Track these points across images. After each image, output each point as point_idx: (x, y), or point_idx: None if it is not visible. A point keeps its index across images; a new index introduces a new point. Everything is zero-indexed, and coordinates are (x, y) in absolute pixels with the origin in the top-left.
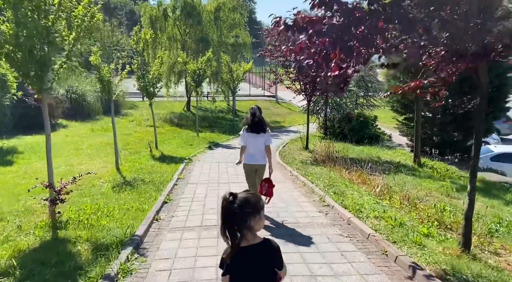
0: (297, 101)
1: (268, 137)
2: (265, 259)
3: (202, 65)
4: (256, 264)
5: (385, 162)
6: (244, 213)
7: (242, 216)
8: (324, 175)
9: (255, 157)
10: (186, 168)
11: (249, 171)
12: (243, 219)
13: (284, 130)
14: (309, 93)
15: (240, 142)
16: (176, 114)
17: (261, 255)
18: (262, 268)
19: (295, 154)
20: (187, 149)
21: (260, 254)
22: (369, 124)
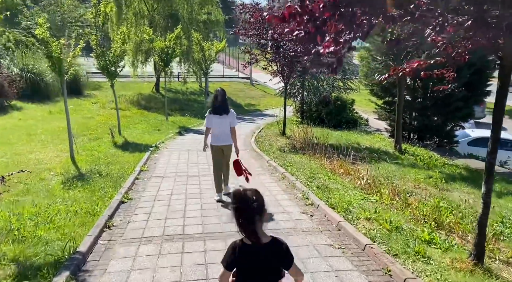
0: (272, 84)
1: (233, 118)
2: (274, 259)
3: (170, 43)
4: (265, 263)
5: (365, 149)
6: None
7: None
8: (304, 165)
9: (221, 138)
10: (152, 158)
11: (216, 152)
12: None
13: (260, 113)
14: (287, 75)
15: (205, 124)
16: (144, 95)
17: (271, 255)
18: (269, 268)
19: (272, 140)
20: (154, 134)
21: (270, 254)
22: (346, 108)
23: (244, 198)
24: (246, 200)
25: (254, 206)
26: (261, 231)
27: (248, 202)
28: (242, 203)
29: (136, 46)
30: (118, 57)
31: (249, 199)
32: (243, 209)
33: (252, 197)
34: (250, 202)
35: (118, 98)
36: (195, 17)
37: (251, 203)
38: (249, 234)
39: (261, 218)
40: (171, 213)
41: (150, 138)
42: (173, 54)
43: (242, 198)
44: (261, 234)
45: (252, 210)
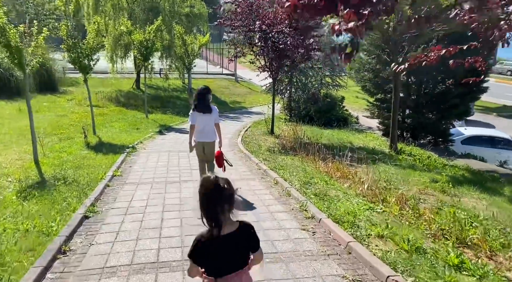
0: (258, 80)
1: (217, 115)
2: (243, 245)
3: (150, 36)
4: (234, 251)
5: (359, 149)
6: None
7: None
8: (297, 168)
9: (205, 135)
10: (127, 160)
11: (200, 147)
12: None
13: (246, 111)
14: (275, 69)
15: (190, 121)
16: (123, 92)
17: (239, 241)
18: (239, 254)
19: (260, 140)
20: (132, 134)
21: (238, 241)
22: (336, 106)
23: (214, 185)
24: (216, 188)
25: (224, 194)
26: (229, 221)
27: (218, 190)
28: (212, 191)
29: (115, 40)
30: (91, 50)
31: (220, 186)
32: (212, 196)
33: (223, 185)
34: (220, 189)
35: (95, 95)
36: (177, 10)
37: (221, 191)
38: (215, 224)
39: (230, 208)
40: (144, 232)
41: (127, 138)
42: (153, 47)
43: (211, 185)
44: (229, 224)
45: (222, 198)
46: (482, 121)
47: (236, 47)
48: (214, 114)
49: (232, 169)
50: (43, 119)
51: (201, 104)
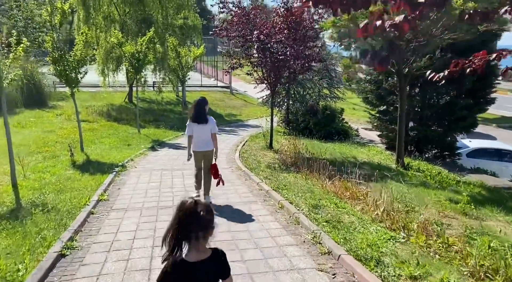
0: (253, 93)
1: (213, 125)
2: (213, 272)
3: (142, 47)
4: (204, 279)
5: (364, 164)
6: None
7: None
8: (303, 188)
9: (203, 144)
10: (116, 181)
11: (198, 156)
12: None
13: (242, 124)
14: (273, 81)
15: (187, 132)
16: (115, 106)
17: (211, 268)
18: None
19: (258, 155)
20: (123, 150)
21: (209, 268)
22: (336, 118)
23: (192, 210)
24: (194, 213)
25: (202, 221)
26: (202, 248)
27: (196, 216)
28: (189, 216)
29: (106, 52)
30: (79, 62)
31: (198, 212)
32: (188, 222)
33: (201, 211)
34: (198, 216)
35: (85, 109)
36: (171, 22)
37: (199, 218)
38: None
39: (205, 235)
40: (130, 275)
41: (117, 155)
42: (145, 59)
43: (189, 209)
44: (201, 251)
45: (198, 225)
46: (483, 133)
47: (233, 58)
48: (210, 124)
49: (231, 190)
50: (28, 135)
51: (198, 115)
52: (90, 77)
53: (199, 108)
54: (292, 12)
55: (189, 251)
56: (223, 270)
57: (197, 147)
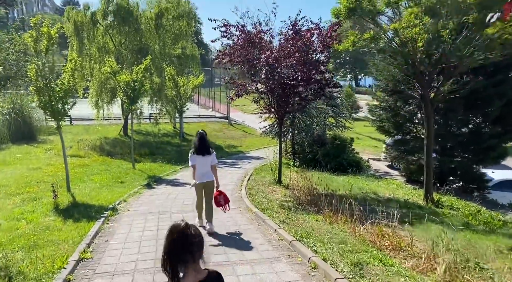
0: (252, 123)
1: (214, 157)
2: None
3: (138, 76)
4: None
5: (388, 201)
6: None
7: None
8: (331, 236)
9: (204, 176)
10: (104, 230)
11: (199, 187)
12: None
13: (243, 156)
14: (281, 110)
15: (190, 163)
16: (109, 139)
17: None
18: None
19: (267, 191)
20: (114, 189)
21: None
22: (346, 148)
23: (183, 232)
24: (185, 236)
25: (194, 242)
26: (197, 269)
27: (188, 238)
28: (181, 238)
29: (100, 84)
30: (66, 92)
31: (190, 234)
32: (180, 244)
33: (193, 232)
34: (190, 237)
35: (77, 144)
36: (168, 52)
37: (191, 239)
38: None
39: (199, 255)
40: None
41: (107, 196)
42: (141, 89)
43: (181, 232)
44: (197, 272)
45: (192, 246)
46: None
47: (237, 85)
48: (212, 156)
49: (245, 241)
50: (11, 174)
51: (203, 147)
52: (83, 110)
53: (203, 140)
54: (301, 36)
55: (186, 274)
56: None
57: (198, 178)
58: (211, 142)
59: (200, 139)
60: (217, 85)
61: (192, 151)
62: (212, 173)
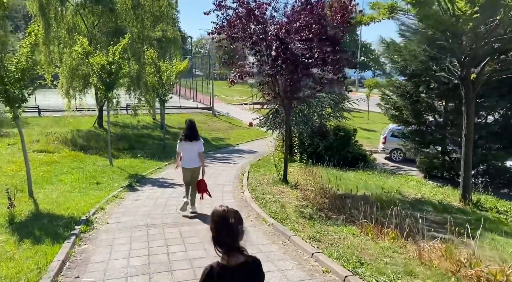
0: (238, 114)
1: (201, 145)
2: (251, 277)
3: (115, 58)
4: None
5: (419, 203)
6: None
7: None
8: (393, 264)
9: (191, 162)
10: (74, 257)
11: (186, 172)
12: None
13: (234, 150)
14: (290, 96)
15: (178, 149)
16: (82, 132)
17: (248, 274)
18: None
19: (275, 193)
20: (89, 192)
21: (247, 273)
22: (350, 141)
23: (223, 216)
24: (225, 219)
25: (233, 225)
26: (238, 252)
27: (229, 220)
28: (221, 221)
29: (71, 70)
30: (24, 72)
31: (228, 217)
32: (222, 226)
33: (231, 216)
34: (229, 220)
35: (45, 137)
36: (148, 35)
37: (230, 222)
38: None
39: (240, 237)
40: None
41: (80, 202)
42: (118, 73)
43: (221, 216)
44: (238, 255)
45: (232, 228)
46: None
47: (237, 66)
48: (199, 143)
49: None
50: None
51: (191, 134)
52: (54, 100)
53: (192, 128)
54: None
55: (225, 256)
56: (258, 278)
57: (186, 164)
58: None
59: (190, 126)
60: (197, 76)
61: (181, 138)
62: (198, 160)
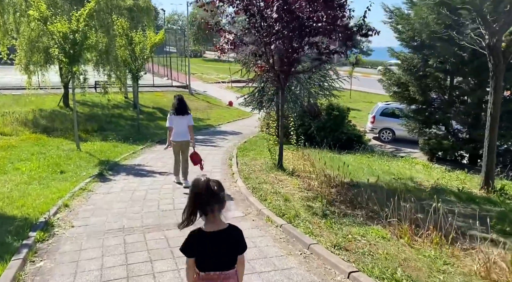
0: (216, 93)
1: (190, 119)
2: (230, 245)
3: (80, 25)
4: (224, 249)
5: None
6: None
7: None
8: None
9: (181, 135)
10: (23, 280)
11: (176, 146)
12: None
13: (216, 131)
14: (287, 68)
15: (167, 124)
16: (45, 112)
17: (228, 241)
18: (226, 254)
19: (270, 181)
20: (51, 184)
21: (226, 240)
22: (344, 121)
23: (206, 186)
24: (208, 189)
25: (215, 194)
26: (218, 221)
27: (210, 191)
28: (203, 192)
29: (31, 43)
30: None
31: (211, 187)
32: (204, 197)
33: (214, 187)
34: (211, 190)
35: (1, 117)
36: (117, 3)
37: (212, 192)
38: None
39: (220, 208)
40: None
41: (39, 196)
42: (84, 43)
43: (203, 186)
44: (218, 223)
45: (213, 198)
46: None
47: (226, 33)
48: (189, 117)
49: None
50: None
51: (181, 107)
52: (11, 76)
53: (182, 102)
54: None
55: (206, 223)
56: (238, 245)
57: (176, 137)
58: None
59: (179, 100)
60: (171, 52)
61: (171, 112)
62: (188, 133)
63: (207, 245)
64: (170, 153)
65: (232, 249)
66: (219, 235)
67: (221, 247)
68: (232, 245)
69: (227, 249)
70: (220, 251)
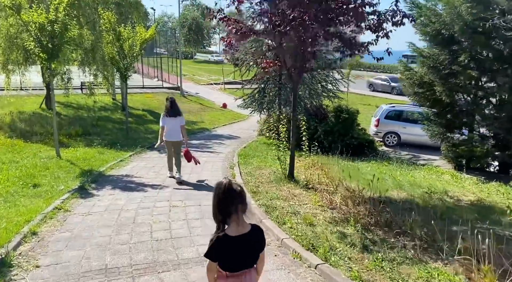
0: (208, 95)
1: (182, 119)
2: (253, 245)
3: (59, 15)
4: (246, 250)
5: (482, 208)
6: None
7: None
8: None
9: (174, 135)
10: None
11: (169, 145)
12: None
13: (211, 135)
14: (301, 61)
15: (161, 123)
16: (25, 115)
17: (251, 242)
18: (249, 254)
19: (284, 196)
20: (19, 201)
21: (250, 241)
22: (354, 124)
23: (228, 188)
24: (229, 190)
25: (237, 196)
26: (242, 222)
27: (231, 192)
28: (226, 193)
29: (9, 39)
30: None
31: (233, 189)
32: (226, 198)
33: (235, 188)
34: (234, 192)
35: None
36: None
37: (235, 193)
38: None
39: (243, 209)
40: None
41: (0, 220)
42: (64, 35)
43: (225, 188)
44: (241, 225)
45: (235, 200)
46: None
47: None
48: (181, 118)
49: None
50: None
51: (174, 110)
52: None
53: (174, 104)
54: None
55: (230, 226)
56: (260, 244)
57: (169, 137)
58: None
59: (172, 102)
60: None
61: (164, 114)
62: (180, 133)
63: (233, 249)
64: (162, 161)
65: (256, 249)
66: (243, 239)
67: (246, 250)
68: (255, 245)
69: (251, 250)
70: (245, 254)
